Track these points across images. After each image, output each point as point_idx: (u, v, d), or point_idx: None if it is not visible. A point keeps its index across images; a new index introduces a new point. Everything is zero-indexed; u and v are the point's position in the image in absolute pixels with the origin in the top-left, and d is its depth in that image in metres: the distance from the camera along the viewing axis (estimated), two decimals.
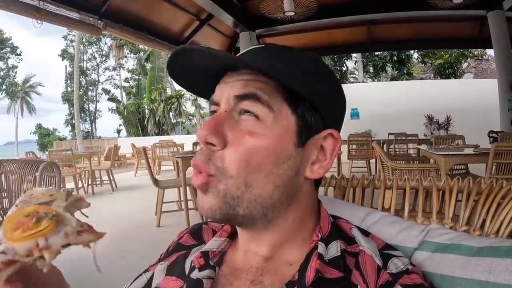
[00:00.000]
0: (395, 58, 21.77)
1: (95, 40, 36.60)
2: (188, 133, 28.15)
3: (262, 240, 0.66)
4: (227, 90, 0.63)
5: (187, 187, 5.28)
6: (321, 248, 0.62)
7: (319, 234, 0.65)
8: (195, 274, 0.68)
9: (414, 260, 0.73)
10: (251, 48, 0.68)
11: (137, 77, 34.33)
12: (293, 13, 5.51)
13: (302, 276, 0.59)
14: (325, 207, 0.72)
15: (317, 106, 0.63)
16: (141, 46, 27.17)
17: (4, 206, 3.47)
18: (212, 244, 0.73)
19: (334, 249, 0.63)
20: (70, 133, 37.71)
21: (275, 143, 0.59)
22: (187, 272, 0.72)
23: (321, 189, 1.15)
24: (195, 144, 8.68)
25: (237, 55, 0.69)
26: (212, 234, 0.80)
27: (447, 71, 20.55)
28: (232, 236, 0.75)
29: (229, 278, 0.67)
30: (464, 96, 12.92)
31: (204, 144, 0.60)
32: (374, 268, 0.60)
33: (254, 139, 0.58)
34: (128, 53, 36.05)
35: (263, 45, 0.69)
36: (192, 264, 0.71)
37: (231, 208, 0.59)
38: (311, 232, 0.67)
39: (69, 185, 8.46)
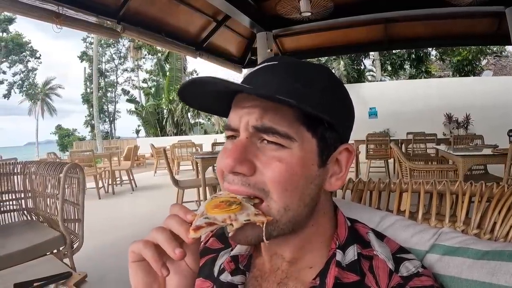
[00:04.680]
0: (413, 56, 21.46)
1: (113, 42, 36.93)
2: (206, 133, 28.19)
3: (285, 245, 0.70)
4: (244, 115, 0.63)
5: (207, 187, 5.35)
6: (339, 255, 0.66)
7: (337, 242, 0.68)
8: (225, 277, 0.74)
9: (425, 262, 0.77)
10: (264, 65, 0.68)
11: (155, 78, 34.53)
12: (309, 13, 5.48)
13: (322, 283, 0.64)
14: (343, 211, 0.76)
15: (334, 124, 0.65)
16: (159, 48, 27.35)
17: (28, 206, 3.59)
18: (240, 248, 0.77)
19: (351, 254, 0.67)
20: (90, 133, 38.13)
21: (303, 168, 0.62)
22: (215, 274, 0.77)
23: (339, 192, 1.18)
24: (214, 144, 8.72)
25: (252, 70, 0.69)
26: None
27: (466, 69, 20.13)
28: None
29: (259, 280, 0.73)
30: (483, 94, 12.68)
31: (231, 174, 0.62)
32: (386, 272, 0.64)
33: (285, 165, 0.60)
34: (146, 55, 36.32)
35: (276, 61, 0.68)
36: (222, 267, 0.76)
37: (267, 233, 0.61)
38: (329, 237, 0.71)
39: (90, 184, 8.58)
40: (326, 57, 19.60)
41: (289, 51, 8.64)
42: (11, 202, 3.56)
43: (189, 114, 27.16)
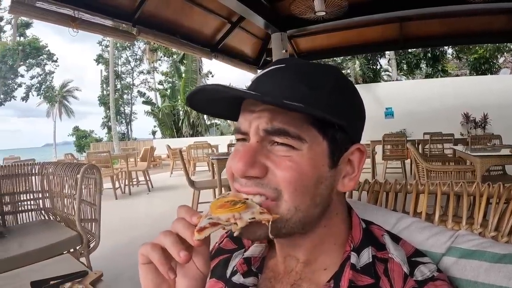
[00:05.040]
0: (429, 55, 21.19)
1: (129, 45, 37.18)
2: (222, 134, 28.28)
3: (299, 246, 0.70)
4: (254, 120, 0.64)
5: (222, 188, 5.37)
6: (353, 258, 0.66)
7: (351, 244, 0.68)
8: (238, 279, 0.74)
9: (441, 265, 0.76)
10: (272, 68, 0.69)
11: (171, 80, 34.77)
12: (324, 13, 5.46)
13: (336, 285, 0.65)
14: (358, 212, 0.75)
15: (344, 126, 0.64)
16: (174, 50, 27.54)
17: (46, 206, 3.66)
18: (254, 250, 0.78)
19: (366, 256, 0.67)
20: (107, 135, 38.49)
21: (313, 168, 0.62)
22: (228, 275, 0.77)
23: (355, 194, 1.17)
24: (230, 145, 8.75)
25: (260, 73, 0.70)
26: None
27: (483, 67, 19.75)
28: (271, 242, 0.78)
29: (272, 282, 0.73)
30: (501, 93, 12.41)
31: (244, 178, 0.63)
32: (401, 276, 0.64)
33: (295, 165, 0.60)
34: (161, 57, 36.57)
35: (284, 64, 0.68)
36: (235, 269, 0.77)
37: (275, 229, 0.61)
38: (343, 239, 0.71)
39: (107, 185, 8.68)
40: (342, 57, 19.49)
41: (304, 51, 8.61)
42: (29, 202, 3.63)
43: (205, 115, 27.21)
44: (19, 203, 3.58)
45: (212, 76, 34.89)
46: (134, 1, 5.22)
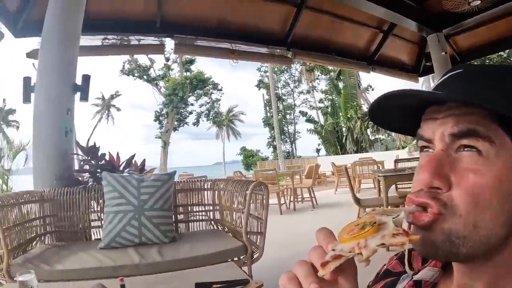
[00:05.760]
0: None
1: (285, 68, 38.93)
2: (387, 149, 27.37)
3: (479, 274, 0.60)
4: (438, 127, 0.59)
5: (389, 207, 5.26)
6: None
7: None
8: None
9: None
10: (448, 75, 0.64)
11: (330, 97, 35.16)
12: (479, 2, 5.01)
13: None
14: None
15: None
16: (330, 67, 27.83)
17: (216, 217, 4.11)
18: (426, 273, 0.71)
19: None
20: (272, 153, 40.44)
21: (501, 178, 0.54)
22: None
23: None
24: (396, 161, 8.44)
25: (436, 83, 0.66)
26: (422, 261, 0.75)
27: None
28: (445, 267, 0.70)
29: None
30: None
31: (428, 189, 0.56)
32: None
33: (479, 177, 0.54)
34: (319, 75, 37.31)
35: (461, 69, 0.63)
36: None
37: (454, 247, 0.55)
38: None
39: (272, 200, 9.08)
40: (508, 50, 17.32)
41: (464, 50, 7.84)
42: (200, 213, 4.16)
43: (368, 130, 26.81)
44: (191, 213, 4.13)
45: (372, 90, 34.05)
46: (285, 26, 5.52)
